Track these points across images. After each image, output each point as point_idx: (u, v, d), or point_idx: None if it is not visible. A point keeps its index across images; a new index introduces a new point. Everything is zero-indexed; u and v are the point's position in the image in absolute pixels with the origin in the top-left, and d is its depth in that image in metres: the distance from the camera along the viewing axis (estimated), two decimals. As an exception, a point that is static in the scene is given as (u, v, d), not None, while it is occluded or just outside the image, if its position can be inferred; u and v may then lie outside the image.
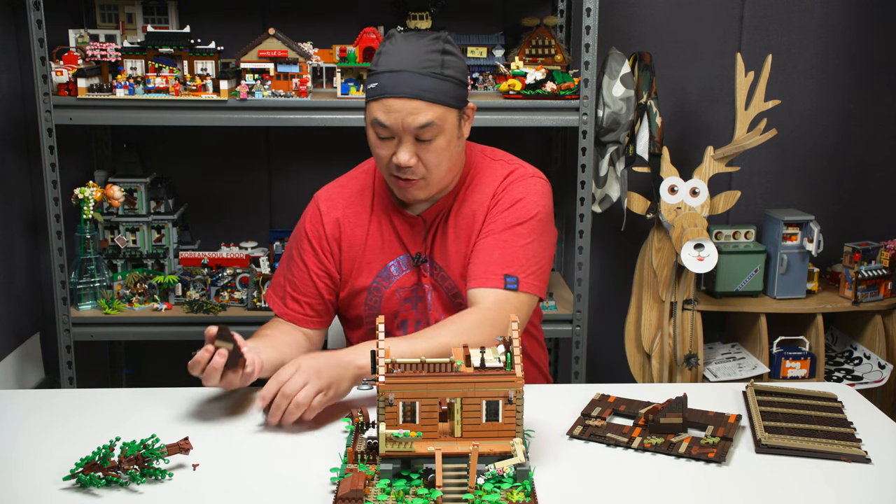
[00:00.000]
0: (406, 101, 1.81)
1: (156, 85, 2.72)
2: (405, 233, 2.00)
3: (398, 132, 1.83)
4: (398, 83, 1.81)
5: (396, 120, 1.82)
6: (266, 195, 3.27)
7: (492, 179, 1.99)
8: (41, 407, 1.82)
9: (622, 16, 3.16)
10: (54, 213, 2.75)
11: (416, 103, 1.81)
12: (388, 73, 1.82)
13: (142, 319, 2.88)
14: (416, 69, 1.81)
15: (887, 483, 1.54)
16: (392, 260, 2.00)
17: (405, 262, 2.00)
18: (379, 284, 2.00)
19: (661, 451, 1.61)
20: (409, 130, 1.82)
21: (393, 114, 1.82)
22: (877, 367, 3.02)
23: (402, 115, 1.81)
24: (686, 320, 2.93)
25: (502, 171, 2.00)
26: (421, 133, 1.83)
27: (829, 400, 1.82)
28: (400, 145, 1.85)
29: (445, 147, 1.86)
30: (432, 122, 1.82)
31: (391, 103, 1.81)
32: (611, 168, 2.94)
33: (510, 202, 1.95)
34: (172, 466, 1.53)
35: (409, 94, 1.80)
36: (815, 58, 3.22)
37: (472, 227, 1.97)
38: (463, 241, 1.98)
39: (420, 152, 1.85)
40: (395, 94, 1.81)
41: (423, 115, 1.81)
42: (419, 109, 1.81)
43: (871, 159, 3.31)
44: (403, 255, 2.00)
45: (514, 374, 1.49)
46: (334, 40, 2.93)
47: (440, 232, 1.99)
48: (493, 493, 1.42)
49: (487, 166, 2.01)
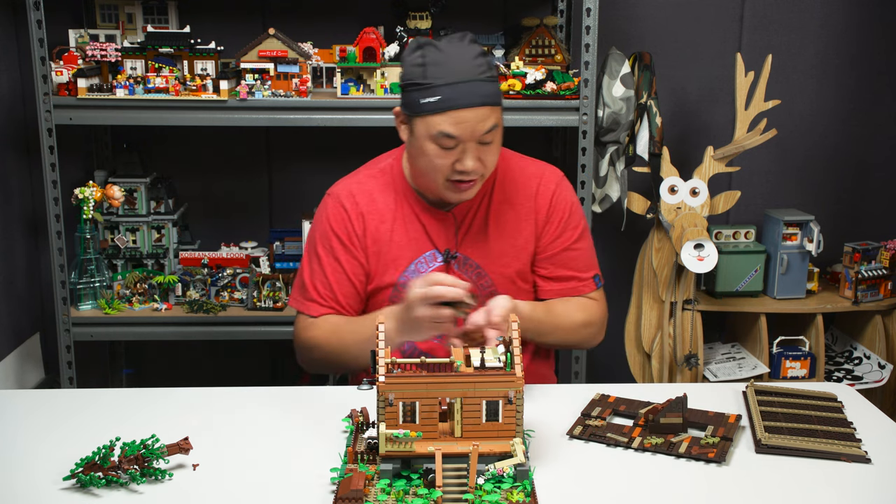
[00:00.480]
0: (476, 110, 1.81)
1: (156, 85, 2.72)
2: (433, 229, 1.99)
3: (465, 140, 1.83)
4: (465, 94, 1.81)
5: (466, 130, 1.82)
6: (266, 195, 3.27)
7: (523, 178, 2.04)
8: (41, 407, 1.82)
9: (622, 16, 3.16)
10: (54, 213, 2.75)
11: (484, 110, 1.82)
12: (450, 85, 1.81)
13: (142, 319, 2.88)
14: (475, 77, 1.82)
15: (887, 483, 1.54)
16: (420, 256, 2.00)
17: (434, 259, 2.00)
18: (407, 281, 1.98)
19: (661, 451, 1.61)
20: (476, 137, 1.83)
21: (463, 124, 1.82)
22: (877, 367, 3.02)
23: (473, 124, 1.82)
24: (686, 320, 2.93)
25: (531, 171, 2.06)
26: (485, 137, 1.84)
27: (829, 400, 1.82)
28: (464, 153, 1.85)
29: (497, 144, 1.91)
30: (496, 124, 1.86)
31: (461, 115, 1.81)
32: (611, 168, 2.94)
33: (567, 210, 2.04)
34: (172, 466, 1.53)
35: (479, 102, 1.81)
36: (815, 58, 3.22)
37: (517, 228, 2.01)
38: (507, 239, 2.01)
39: (481, 154, 1.87)
40: (465, 104, 1.81)
41: (490, 119, 1.83)
42: (486, 115, 1.83)
43: (871, 159, 3.31)
44: (431, 250, 2.00)
45: (514, 374, 1.49)
46: (334, 40, 2.93)
47: (474, 228, 2.00)
48: (493, 493, 1.42)
49: (510, 163, 2.05)
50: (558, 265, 2.04)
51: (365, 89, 2.77)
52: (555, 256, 2.03)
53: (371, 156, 2.15)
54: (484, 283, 2.00)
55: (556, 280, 2.05)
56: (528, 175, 2.05)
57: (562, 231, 2.04)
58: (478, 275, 2.00)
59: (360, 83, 2.77)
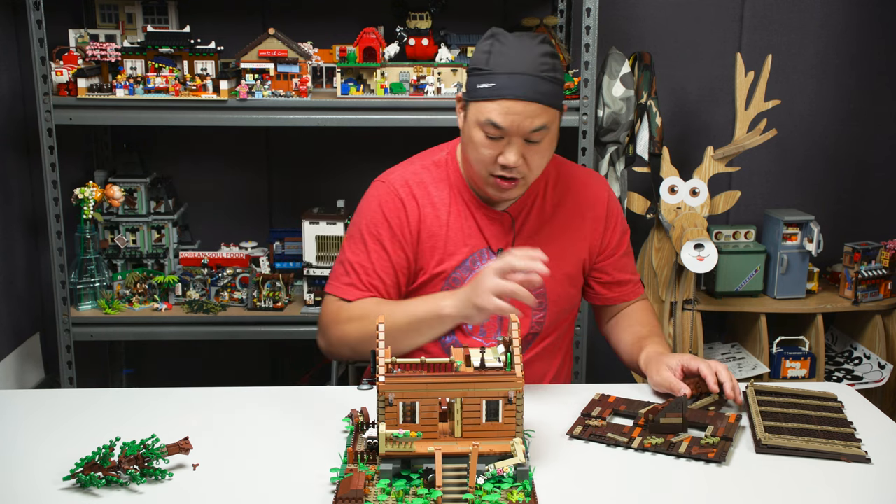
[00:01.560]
0: (527, 105, 1.79)
1: (156, 85, 2.72)
2: (488, 228, 1.97)
3: (511, 134, 1.82)
4: (519, 85, 1.79)
5: (514, 122, 1.80)
6: (266, 195, 3.27)
7: (577, 183, 2.04)
8: (41, 407, 1.82)
9: (622, 16, 3.16)
10: (54, 213, 2.75)
11: (536, 106, 1.80)
12: (508, 74, 1.80)
13: (142, 319, 2.88)
14: (535, 72, 1.80)
15: (887, 483, 1.54)
16: (474, 252, 1.97)
17: (488, 257, 1.97)
18: (459, 276, 1.96)
19: (661, 451, 1.61)
20: (522, 133, 1.81)
21: (511, 116, 1.80)
22: (877, 367, 3.02)
23: (521, 119, 1.80)
24: (686, 320, 2.93)
25: (583, 177, 2.07)
26: (533, 135, 1.82)
27: (829, 400, 1.82)
28: (508, 146, 1.83)
29: (548, 148, 1.88)
30: (546, 125, 1.82)
31: (511, 105, 1.79)
32: (611, 168, 2.94)
33: (621, 216, 2.09)
34: (172, 466, 1.53)
35: (531, 97, 1.79)
36: (815, 58, 3.22)
37: (571, 231, 2.02)
38: (561, 242, 2.00)
39: (526, 153, 1.84)
40: (516, 96, 1.79)
41: (540, 118, 1.81)
42: (537, 113, 1.80)
43: (871, 159, 3.31)
44: (485, 248, 1.97)
45: (514, 374, 1.49)
46: (334, 40, 2.93)
47: (528, 228, 1.99)
48: (493, 493, 1.42)
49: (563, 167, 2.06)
50: (619, 269, 2.08)
51: (365, 89, 2.77)
52: (616, 262, 2.07)
53: (371, 155, 2.15)
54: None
55: (617, 284, 2.09)
56: (582, 181, 2.06)
57: (620, 235, 2.07)
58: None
59: (360, 83, 2.77)
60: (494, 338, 1.96)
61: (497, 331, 1.98)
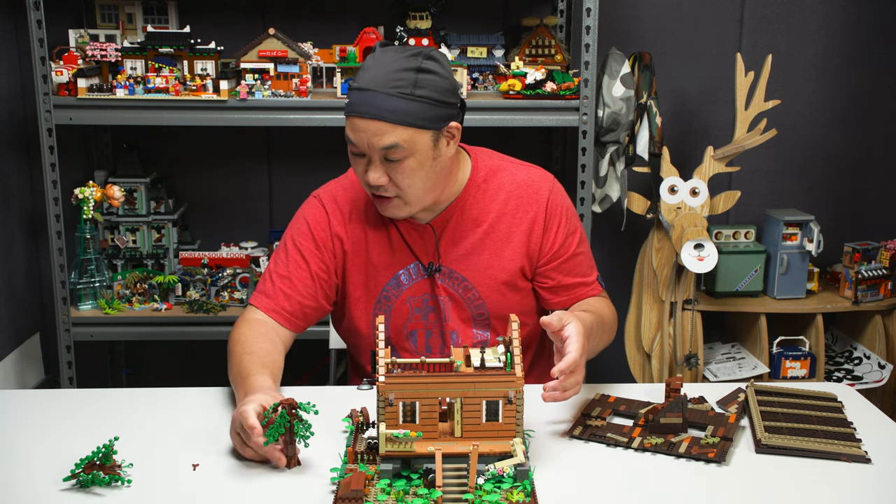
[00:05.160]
0: (369, 122, 1.76)
1: (156, 85, 2.72)
2: (414, 241, 1.95)
3: (366, 151, 1.80)
4: (363, 102, 1.77)
5: (363, 140, 1.78)
6: (266, 195, 3.27)
7: (511, 186, 1.97)
8: (41, 407, 1.82)
9: (622, 16, 3.16)
10: (54, 213, 2.75)
11: (380, 124, 1.76)
12: (358, 90, 1.78)
13: (142, 319, 2.88)
14: (383, 89, 1.76)
15: (887, 483, 1.54)
16: (403, 268, 1.96)
17: (416, 271, 1.96)
18: (388, 293, 1.97)
19: (661, 451, 1.61)
20: (375, 151, 1.79)
21: (359, 133, 1.78)
22: (877, 367, 3.02)
23: (368, 136, 1.77)
24: (686, 320, 2.93)
25: (521, 179, 1.98)
26: (388, 154, 1.78)
27: (829, 400, 1.82)
28: (370, 164, 1.81)
29: (417, 168, 1.80)
30: (397, 143, 1.76)
31: (356, 122, 1.78)
32: (611, 168, 2.94)
33: (564, 216, 1.99)
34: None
35: (372, 114, 1.76)
36: (815, 58, 3.22)
37: (504, 238, 1.96)
38: (492, 251, 1.96)
39: (390, 172, 1.81)
40: (360, 113, 1.77)
41: (388, 136, 1.76)
42: (383, 131, 1.76)
43: (871, 159, 3.31)
44: (413, 263, 1.96)
45: (514, 374, 1.49)
46: (334, 40, 2.93)
47: (456, 241, 1.96)
48: (493, 493, 1.42)
49: (497, 172, 1.99)
50: (564, 273, 1.99)
51: (365, 89, 2.77)
52: (560, 265, 1.99)
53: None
54: (472, 297, 1.96)
55: (564, 289, 2.00)
56: (517, 183, 1.98)
57: (563, 238, 1.98)
58: (464, 287, 1.96)
59: (360, 83, 2.77)
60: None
61: (441, 346, 1.99)
